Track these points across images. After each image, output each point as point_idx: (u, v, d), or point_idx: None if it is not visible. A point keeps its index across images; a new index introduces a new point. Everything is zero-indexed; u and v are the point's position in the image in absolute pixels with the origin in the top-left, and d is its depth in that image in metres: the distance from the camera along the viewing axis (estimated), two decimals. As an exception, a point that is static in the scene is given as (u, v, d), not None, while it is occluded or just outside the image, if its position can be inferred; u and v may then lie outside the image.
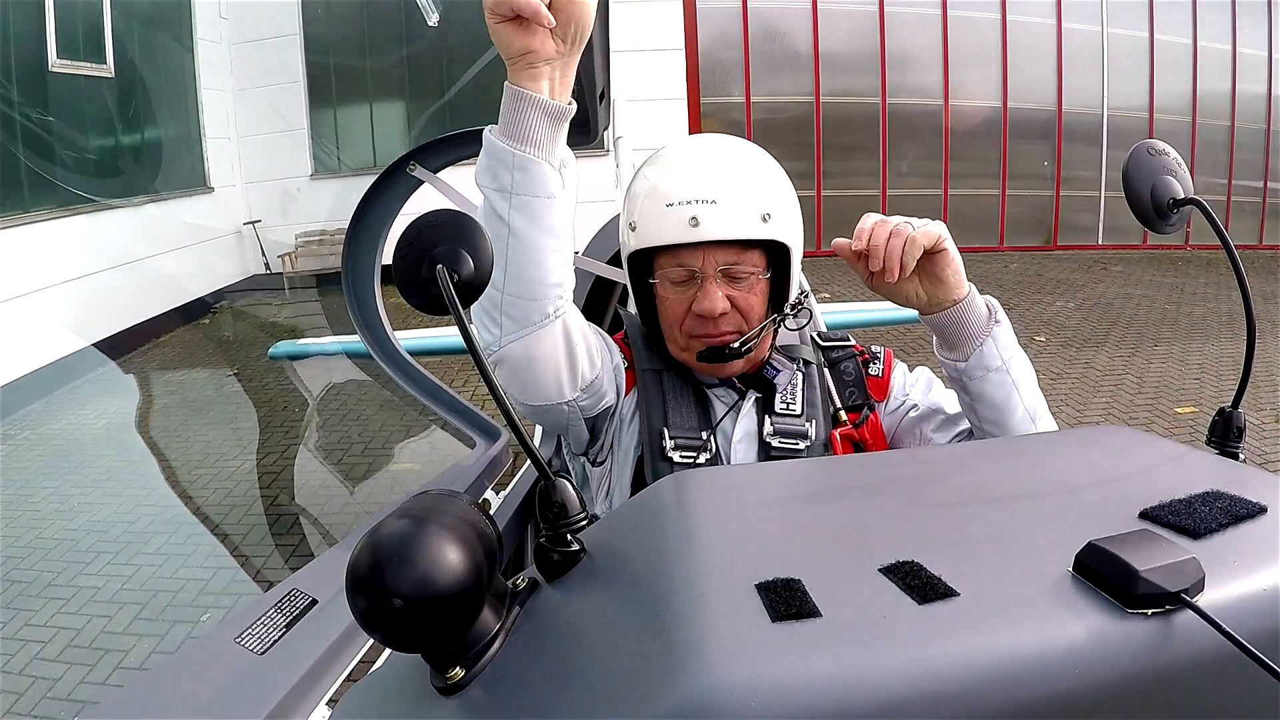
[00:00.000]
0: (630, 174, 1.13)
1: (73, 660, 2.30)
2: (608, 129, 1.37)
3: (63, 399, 4.54)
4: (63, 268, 5.07)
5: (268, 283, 7.56)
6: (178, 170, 7.07)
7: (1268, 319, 5.47)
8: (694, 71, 8.33)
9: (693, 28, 8.28)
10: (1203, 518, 0.44)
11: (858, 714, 0.34)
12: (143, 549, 2.93)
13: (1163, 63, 8.79)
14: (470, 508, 0.45)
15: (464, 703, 0.44)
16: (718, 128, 7.98)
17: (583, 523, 0.51)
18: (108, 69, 5.97)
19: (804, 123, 8.67)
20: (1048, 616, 0.38)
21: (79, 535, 3.01)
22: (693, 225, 0.92)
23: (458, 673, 0.44)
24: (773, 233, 0.95)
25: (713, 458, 0.98)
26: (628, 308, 1.76)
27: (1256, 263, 7.67)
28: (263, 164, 7.76)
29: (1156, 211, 0.69)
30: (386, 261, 0.95)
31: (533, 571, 0.52)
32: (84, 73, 5.75)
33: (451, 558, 0.41)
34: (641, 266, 1.00)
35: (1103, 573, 0.39)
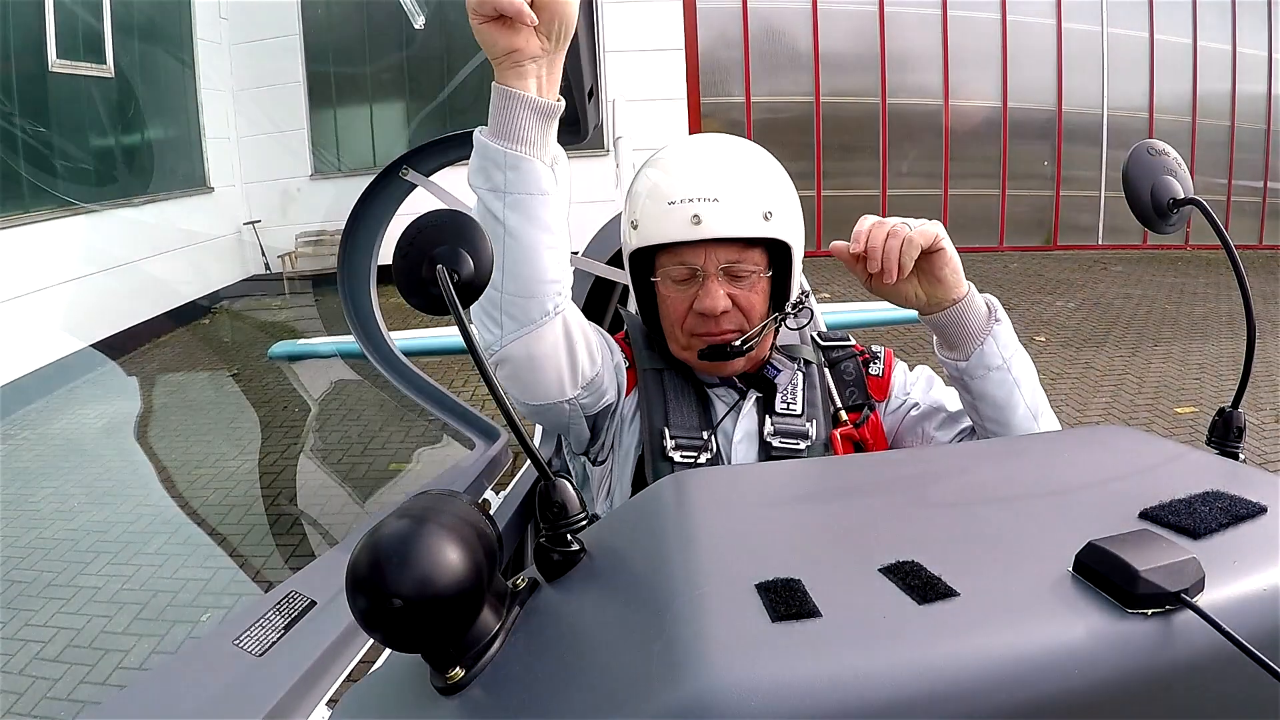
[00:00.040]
0: (630, 174, 1.13)
1: (73, 660, 2.29)
2: (598, 127, 1.36)
3: (62, 399, 4.54)
4: (62, 268, 5.07)
5: (267, 283, 7.56)
6: (177, 170, 7.07)
7: (1268, 319, 5.47)
8: (694, 71, 8.33)
9: (693, 28, 8.28)
10: (1203, 518, 0.44)
11: (858, 714, 0.34)
12: (143, 549, 2.93)
13: (1163, 63, 8.79)
14: (470, 508, 0.45)
15: (464, 703, 0.44)
16: (718, 128, 7.97)
17: (583, 523, 0.51)
18: (108, 69, 5.97)
19: (804, 123, 8.67)
20: (1048, 616, 0.38)
21: (79, 535, 3.01)
22: (695, 223, 0.92)
23: (458, 673, 0.44)
24: (774, 231, 0.95)
25: (713, 457, 0.98)
26: (628, 307, 1.76)
27: (1256, 263, 7.67)
28: (263, 164, 7.76)
29: (1156, 211, 0.69)
30: (383, 262, 0.95)
31: (533, 571, 0.52)
32: (84, 73, 5.75)
33: (451, 558, 0.41)
34: (643, 265, 1.00)
35: (1103, 573, 0.39)
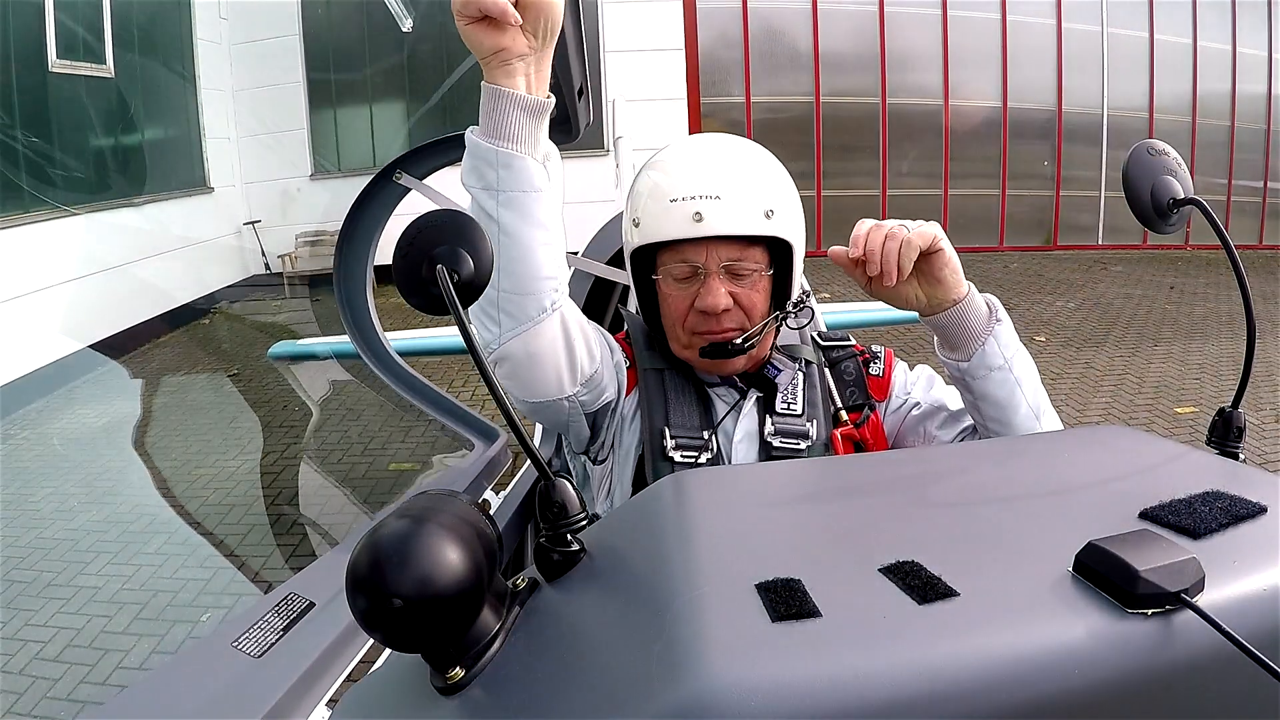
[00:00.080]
0: (630, 174, 1.13)
1: (73, 660, 2.29)
2: (592, 125, 1.36)
3: (62, 399, 4.54)
4: (61, 269, 5.07)
5: (267, 283, 7.56)
6: (177, 170, 7.07)
7: (1268, 319, 5.46)
8: (694, 71, 8.33)
9: (693, 28, 8.28)
10: (1203, 518, 0.44)
11: (858, 714, 0.34)
12: (143, 549, 2.93)
13: (1163, 63, 8.79)
14: (470, 507, 0.45)
15: (464, 703, 0.44)
16: (718, 128, 7.97)
17: (583, 523, 0.51)
18: (108, 69, 5.96)
19: (804, 123, 8.67)
20: (1048, 616, 0.38)
21: (79, 535, 3.01)
22: (696, 220, 0.92)
23: (458, 673, 0.44)
24: (776, 229, 0.95)
25: (714, 457, 0.98)
26: (628, 307, 1.76)
27: (1256, 263, 7.67)
28: (263, 164, 7.76)
29: (1156, 211, 0.69)
30: (382, 262, 0.95)
31: (533, 571, 0.52)
32: (84, 73, 5.75)
33: (451, 558, 0.41)
34: (644, 263, 1.01)
35: (1103, 573, 0.39)
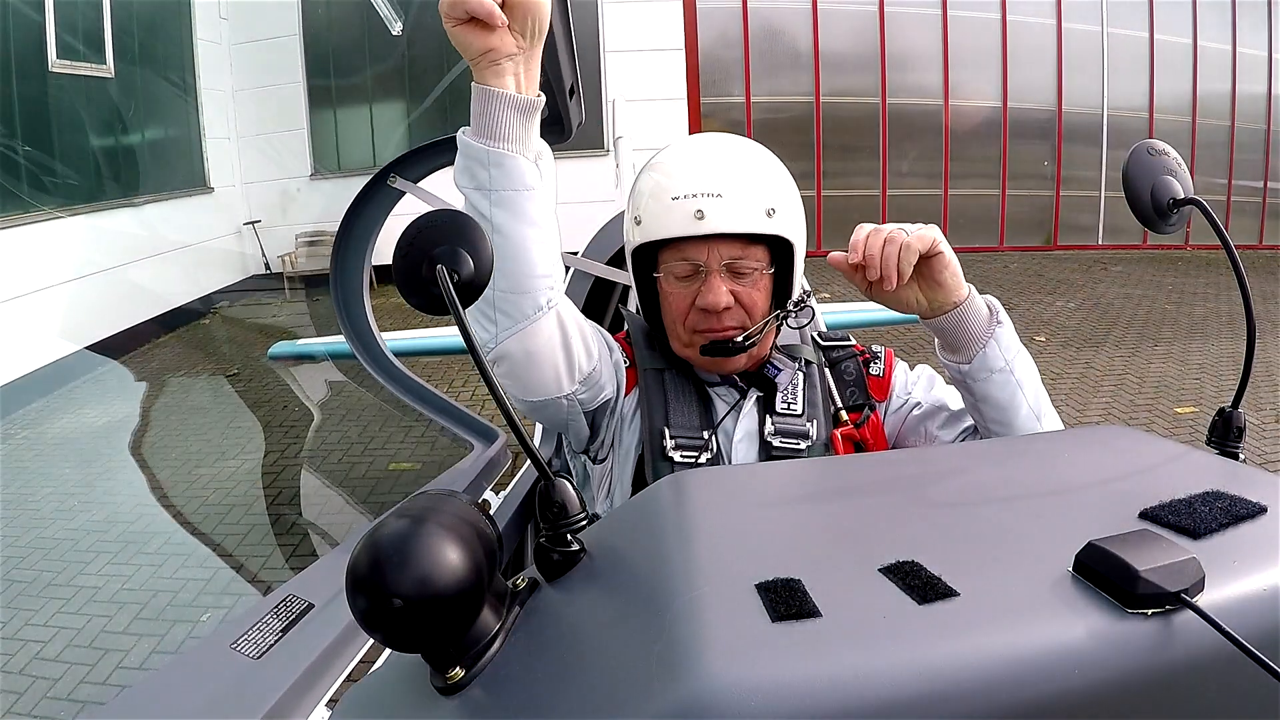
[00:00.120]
0: (630, 174, 1.13)
1: (73, 660, 2.29)
2: (582, 124, 1.36)
3: (62, 399, 4.54)
4: (60, 269, 5.07)
5: (267, 283, 7.56)
6: (177, 170, 7.07)
7: (1268, 319, 5.47)
8: (694, 71, 8.33)
9: (693, 28, 8.28)
10: (1203, 518, 0.44)
11: (858, 714, 0.34)
12: (143, 549, 2.93)
13: (1163, 63, 8.79)
14: (470, 507, 0.45)
15: (464, 703, 0.44)
16: (718, 128, 7.97)
17: (583, 523, 0.51)
18: (108, 69, 5.97)
19: (804, 123, 8.67)
20: (1048, 616, 0.38)
21: (79, 535, 3.01)
22: (698, 218, 0.93)
23: (458, 673, 0.44)
24: (777, 228, 0.95)
25: (714, 457, 0.98)
26: (629, 307, 1.75)
27: (1256, 263, 7.67)
28: (263, 164, 7.76)
29: (1156, 211, 0.69)
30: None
31: (533, 571, 0.51)
32: (84, 73, 5.75)
33: (451, 558, 0.41)
34: (646, 261, 1.01)
35: (1103, 573, 0.39)
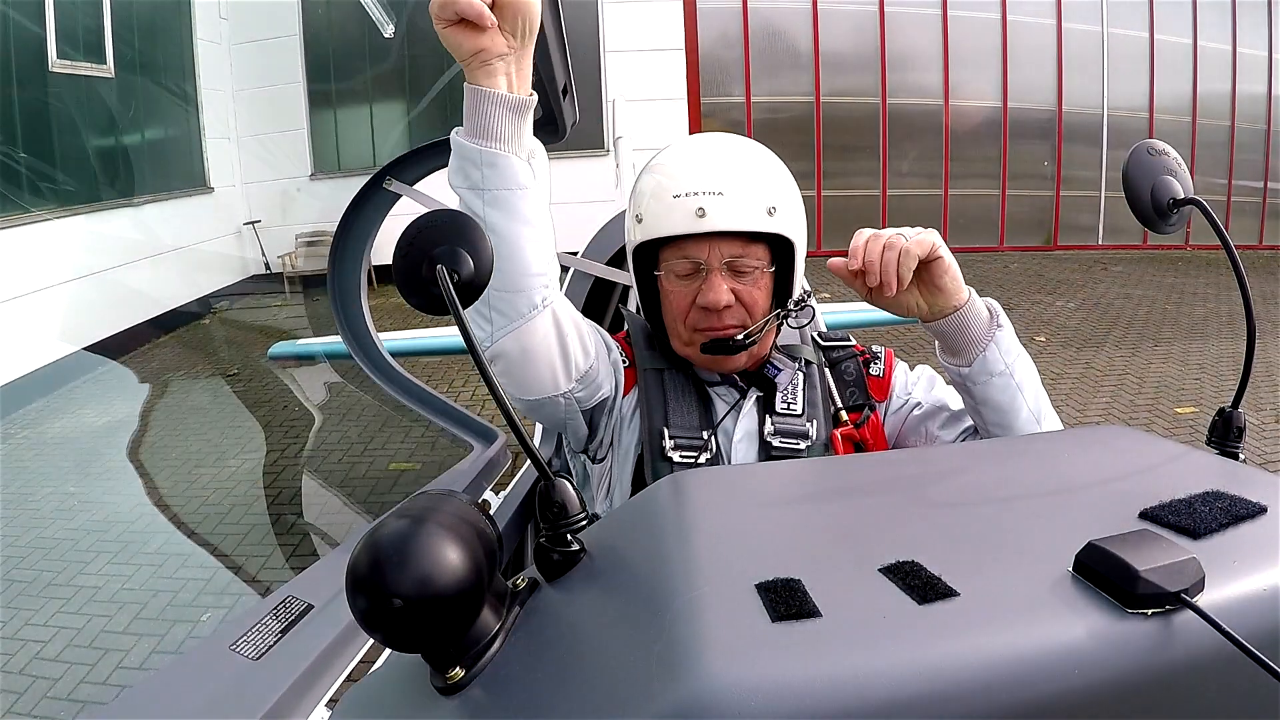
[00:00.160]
0: (630, 174, 1.13)
1: (73, 660, 2.29)
2: (576, 124, 1.36)
3: (63, 399, 4.54)
4: (60, 269, 5.07)
5: (267, 283, 7.56)
6: (177, 170, 7.07)
7: (1268, 319, 5.47)
8: (694, 71, 8.33)
9: (693, 28, 8.28)
10: (1203, 518, 0.44)
11: (858, 714, 0.34)
12: (143, 549, 2.93)
13: (1163, 63, 8.79)
14: (470, 507, 0.45)
15: (464, 703, 0.44)
16: (718, 128, 7.97)
17: (583, 523, 0.51)
18: (108, 69, 5.97)
19: (804, 123, 8.67)
20: (1048, 616, 0.38)
21: (79, 535, 3.01)
22: (699, 216, 0.93)
23: (458, 673, 0.44)
24: (778, 226, 0.95)
25: (713, 457, 0.98)
26: (629, 307, 1.75)
27: (1256, 263, 7.67)
28: (263, 164, 7.76)
29: (1156, 211, 0.69)
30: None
31: (533, 571, 0.51)
32: (84, 73, 5.75)
33: (451, 557, 0.41)
34: (647, 260, 1.01)
35: (1103, 573, 0.39)
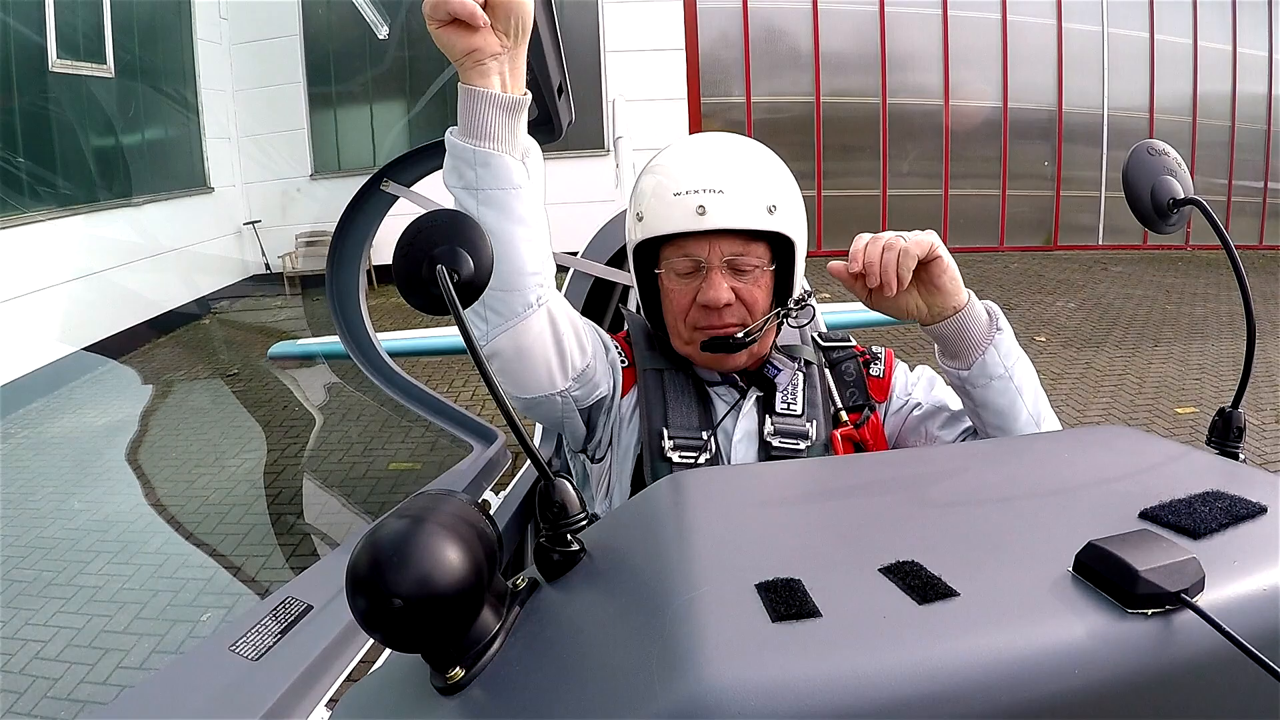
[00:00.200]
0: (630, 174, 1.13)
1: (73, 660, 2.29)
2: (572, 123, 1.36)
3: (63, 399, 4.54)
4: (60, 269, 5.07)
5: (267, 283, 7.57)
6: (177, 170, 7.08)
7: (1268, 319, 5.47)
8: (694, 71, 8.33)
9: (693, 28, 8.28)
10: (1203, 518, 0.44)
11: (858, 714, 0.34)
12: (143, 549, 2.93)
13: (1163, 63, 8.80)
14: (470, 507, 0.45)
15: (464, 703, 0.44)
16: (718, 128, 7.97)
17: (583, 523, 0.51)
18: (108, 69, 5.97)
19: (804, 123, 8.67)
20: (1048, 616, 0.38)
21: (79, 535, 3.01)
22: (700, 214, 0.93)
23: (458, 673, 0.44)
24: (778, 225, 0.95)
25: (713, 457, 0.98)
26: (629, 306, 1.75)
27: (1256, 263, 7.68)
28: (263, 164, 7.76)
29: (1156, 211, 0.69)
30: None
31: (533, 571, 0.51)
32: (84, 73, 5.75)
33: (451, 557, 0.41)
34: (647, 258, 1.01)
35: (1103, 573, 0.39)
